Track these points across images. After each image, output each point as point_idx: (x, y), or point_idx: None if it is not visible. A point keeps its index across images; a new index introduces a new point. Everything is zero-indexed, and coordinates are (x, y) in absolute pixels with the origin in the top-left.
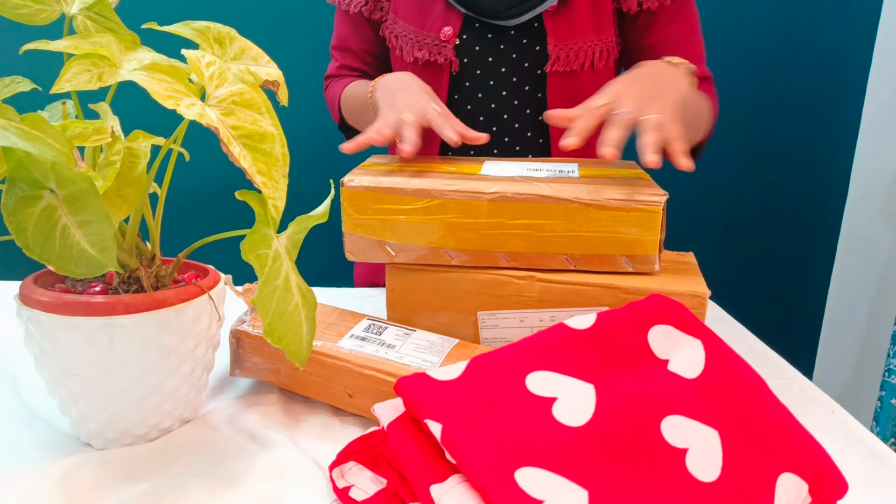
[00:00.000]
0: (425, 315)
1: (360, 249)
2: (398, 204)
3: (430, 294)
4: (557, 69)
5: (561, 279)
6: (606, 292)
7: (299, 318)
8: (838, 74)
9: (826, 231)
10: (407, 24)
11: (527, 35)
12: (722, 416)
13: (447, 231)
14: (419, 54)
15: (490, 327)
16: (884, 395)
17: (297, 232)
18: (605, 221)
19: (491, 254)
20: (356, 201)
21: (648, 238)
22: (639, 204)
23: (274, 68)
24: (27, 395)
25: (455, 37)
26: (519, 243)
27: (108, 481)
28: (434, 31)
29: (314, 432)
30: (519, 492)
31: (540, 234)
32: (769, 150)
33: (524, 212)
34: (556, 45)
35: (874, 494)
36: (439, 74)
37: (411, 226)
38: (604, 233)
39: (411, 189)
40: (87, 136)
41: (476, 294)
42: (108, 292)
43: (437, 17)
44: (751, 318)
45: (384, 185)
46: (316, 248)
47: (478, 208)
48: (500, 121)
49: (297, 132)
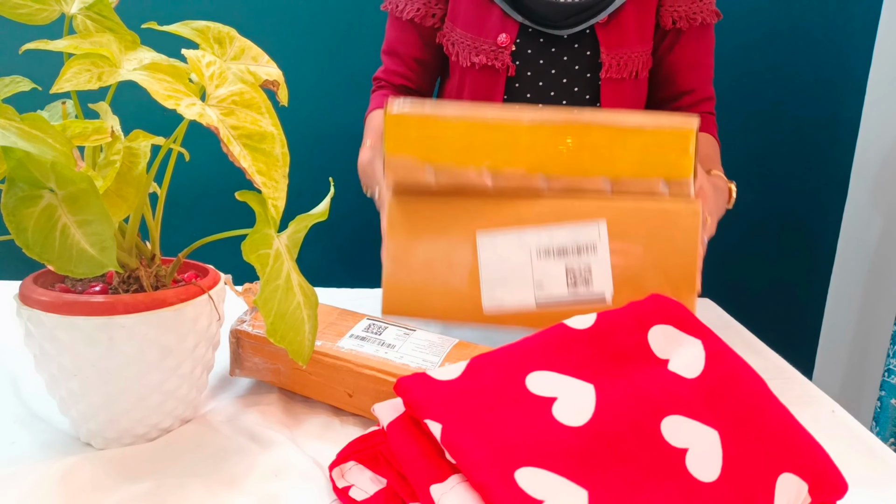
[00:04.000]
0: (425, 241)
1: (401, 169)
2: (440, 128)
3: (429, 220)
4: (611, 76)
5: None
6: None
7: (301, 317)
8: (838, 74)
9: (826, 231)
10: (464, 32)
11: (579, 41)
12: (722, 416)
13: (486, 153)
14: (476, 59)
15: (489, 249)
16: (884, 395)
17: (298, 231)
18: (641, 144)
19: (529, 176)
20: (400, 126)
21: (682, 162)
22: (671, 127)
23: (274, 68)
24: (27, 394)
25: (511, 43)
26: (556, 166)
27: (108, 481)
28: (491, 38)
29: (314, 432)
30: (519, 492)
31: (578, 156)
32: (769, 149)
33: (562, 133)
34: (609, 54)
35: (874, 494)
36: (496, 78)
37: (452, 149)
38: (639, 155)
39: (453, 114)
40: (87, 136)
41: (475, 216)
42: (108, 292)
43: (493, 25)
44: (751, 318)
45: (427, 111)
46: (316, 247)
47: (517, 131)
48: None
49: (297, 132)
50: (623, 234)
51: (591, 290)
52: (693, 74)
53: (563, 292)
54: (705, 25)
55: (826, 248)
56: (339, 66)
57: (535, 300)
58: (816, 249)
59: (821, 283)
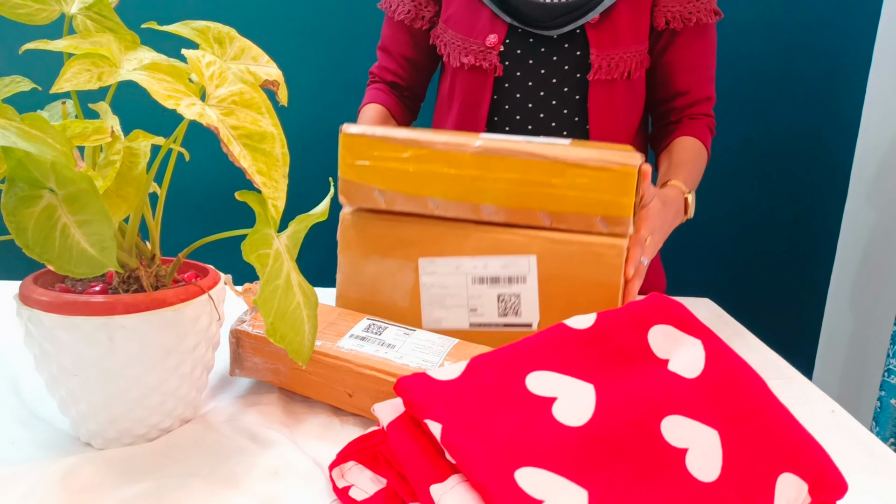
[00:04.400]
0: (372, 261)
1: (352, 193)
2: (389, 151)
3: (377, 240)
4: (599, 77)
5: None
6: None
7: (301, 316)
8: (838, 74)
9: (826, 231)
10: (455, 33)
11: (568, 41)
12: (722, 416)
13: (433, 180)
14: (465, 60)
15: (429, 273)
16: (884, 395)
17: (298, 231)
18: (583, 180)
19: (473, 206)
20: (352, 146)
21: (624, 200)
22: (614, 164)
23: (274, 68)
24: (27, 394)
25: (500, 44)
26: (500, 197)
27: (108, 481)
28: (480, 39)
29: (314, 432)
30: (519, 492)
31: (520, 188)
32: (769, 149)
33: (506, 166)
34: (598, 54)
35: (874, 494)
36: (484, 78)
37: (400, 174)
38: (581, 192)
39: (402, 138)
40: (86, 136)
41: (418, 241)
42: (108, 292)
43: (483, 26)
44: (751, 318)
45: (378, 134)
46: (316, 247)
47: (462, 160)
48: (537, 119)
49: (297, 132)
50: (552, 268)
51: (520, 318)
52: (689, 76)
53: (493, 318)
54: (702, 25)
55: (826, 248)
56: (339, 66)
57: (468, 323)
58: (816, 249)
59: (821, 283)
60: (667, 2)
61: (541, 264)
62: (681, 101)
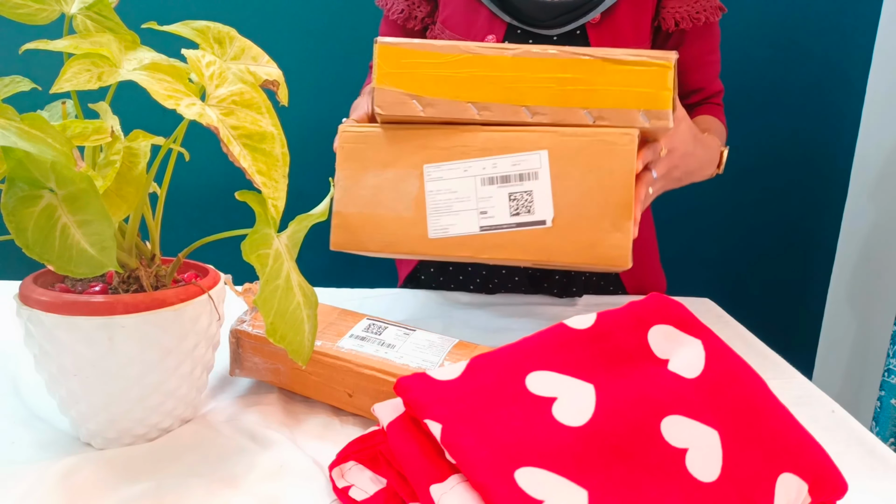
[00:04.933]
0: (372, 173)
1: (388, 102)
2: (428, 59)
3: (379, 150)
4: None
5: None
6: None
7: (301, 316)
8: (838, 74)
9: (826, 231)
10: (452, 33)
11: (568, 41)
12: (722, 416)
13: (472, 85)
14: None
15: (435, 180)
16: (883, 395)
17: (298, 231)
18: (622, 76)
19: (514, 108)
20: (389, 56)
21: (663, 93)
22: (651, 58)
23: (274, 68)
24: (27, 394)
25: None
26: (541, 97)
27: (108, 481)
28: (479, 39)
29: (314, 432)
30: (519, 492)
31: (560, 87)
32: (769, 149)
33: (546, 67)
34: None
35: (874, 494)
36: None
37: (438, 79)
38: (621, 87)
39: (440, 45)
40: (86, 136)
41: (422, 147)
42: (107, 292)
43: (482, 26)
44: (751, 318)
45: (416, 43)
46: (316, 247)
47: (502, 63)
48: None
49: (297, 132)
50: (563, 161)
51: (533, 216)
52: (700, 73)
53: (505, 219)
54: (709, 23)
55: (826, 248)
56: (339, 66)
57: (479, 227)
58: (816, 249)
59: (821, 283)
60: (673, 3)
61: (551, 159)
62: (695, 98)
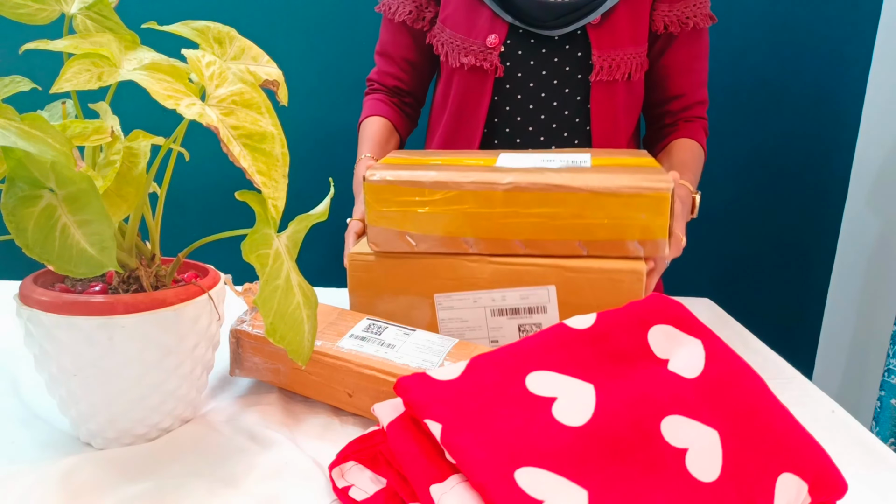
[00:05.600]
0: (385, 299)
1: (382, 240)
2: (418, 196)
3: (390, 278)
4: (601, 78)
5: (509, 261)
6: (551, 272)
7: (301, 317)
8: (838, 74)
9: (826, 231)
10: (454, 33)
11: (570, 42)
12: (722, 416)
13: (465, 221)
14: (465, 60)
15: (446, 308)
16: (883, 395)
17: (298, 231)
18: (616, 208)
19: (507, 242)
20: (378, 194)
21: (658, 223)
22: (648, 190)
23: (274, 68)
24: (27, 394)
25: (500, 44)
26: (533, 231)
27: (108, 481)
28: (480, 39)
29: (314, 432)
30: (519, 492)
31: (553, 221)
32: (769, 149)
33: (538, 201)
34: (600, 55)
35: (874, 494)
36: (484, 79)
37: (430, 217)
38: (615, 219)
39: (430, 181)
40: (86, 136)
41: (432, 277)
42: (107, 292)
43: (483, 26)
44: (751, 318)
45: (404, 179)
46: (316, 247)
47: (493, 198)
48: (538, 121)
49: (297, 132)
50: (571, 296)
51: None
52: (684, 79)
53: None
54: (698, 30)
55: (826, 248)
56: (339, 66)
57: None
58: (816, 249)
59: (821, 283)
60: (665, 6)
61: (560, 293)
62: (676, 105)
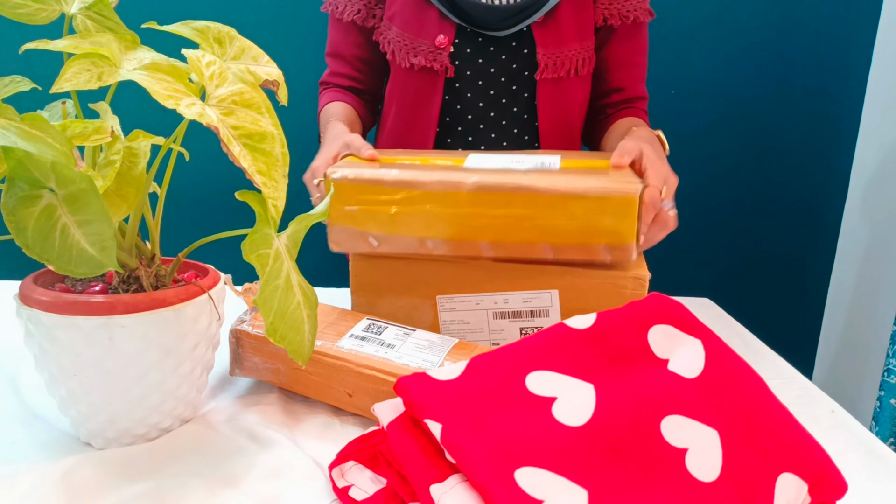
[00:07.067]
0: (387, 300)
1: (343, 239)
2: (380, 195)
3: (392, 280)
4: (547, 76)
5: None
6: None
7: (301, 316)
8: (838, 74)
9: (826, 231)
10: (401, 31)
11: (516, 40)
12: (722, 416)
13: (428, 222)
14: (415, 60)
15: (448, 310)
16: (883, 395)
17: (298, 231)
18: (582, 211)
19: (472, 243)
20: (340, 192)
21: (625, 226)
22: (615, 192)
23: (274, 68)
24: (27, 394)
25: (449, 44)
26: (499, 233)
27: (108, 481)
28: (429, 39)
29: (314, 432)
30: (519, 492)
31: (519, 223)
32: (769, 149)
33: (504, 202)
34: (545, 53)
35: (874, 494)
36: (435, 79)
37: (393, 217)
38: (581, 222)
39: (392, 180)
40: (86, 136)
41: (435, 279)
42: (107, 292)
43: (431, 26)
44: (751, 318)
45: (366, 177)
46: (316, 247)
47: (458, 199)
48: (489, 119)
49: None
50: (573, 301)
51: None
52: (624, 72)
53: None
54: (638, 24)
55: (826, 248)
56: None
57: None
58: (816, 249)
59: (821, 283)
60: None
61: (562, 297)
62: (617, 97)
